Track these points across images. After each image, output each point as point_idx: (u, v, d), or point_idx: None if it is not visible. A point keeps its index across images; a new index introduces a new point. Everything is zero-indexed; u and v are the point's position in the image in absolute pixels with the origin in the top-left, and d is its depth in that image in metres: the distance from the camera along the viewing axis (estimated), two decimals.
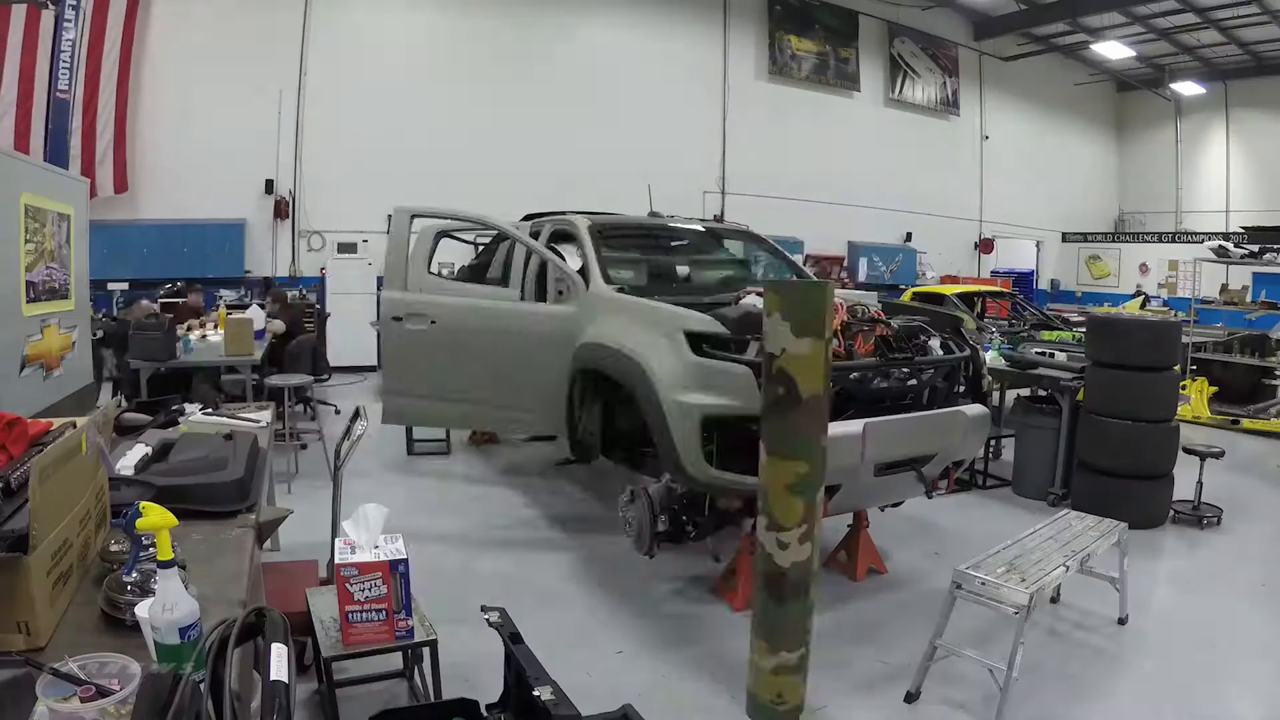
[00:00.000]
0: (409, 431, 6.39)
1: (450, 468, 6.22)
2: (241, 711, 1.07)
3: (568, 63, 12.26)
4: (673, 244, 5.73)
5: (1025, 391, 6.27)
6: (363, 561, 2.36)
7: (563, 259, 4.59)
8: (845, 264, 14.87)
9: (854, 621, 3.68)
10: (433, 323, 4.55)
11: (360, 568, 2.35)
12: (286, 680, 1.09)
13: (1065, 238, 18.41)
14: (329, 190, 10.90)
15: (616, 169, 11.09)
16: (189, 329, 6.63)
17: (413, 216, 4.78)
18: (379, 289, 11.01)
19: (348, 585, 2.35)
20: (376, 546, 2.45)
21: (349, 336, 10.35)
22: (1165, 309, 13.87)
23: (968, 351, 4.00)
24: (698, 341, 3.48)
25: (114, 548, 1.69)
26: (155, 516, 1.43)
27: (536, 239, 4.93)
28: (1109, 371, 5.10)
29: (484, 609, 2.53)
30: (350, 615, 2.38)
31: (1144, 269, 16.84)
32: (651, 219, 5.80)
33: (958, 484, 5.36)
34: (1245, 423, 8.23)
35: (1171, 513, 5.19)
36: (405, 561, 2.37)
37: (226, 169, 10.23)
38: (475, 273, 6.61)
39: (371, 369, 10.38)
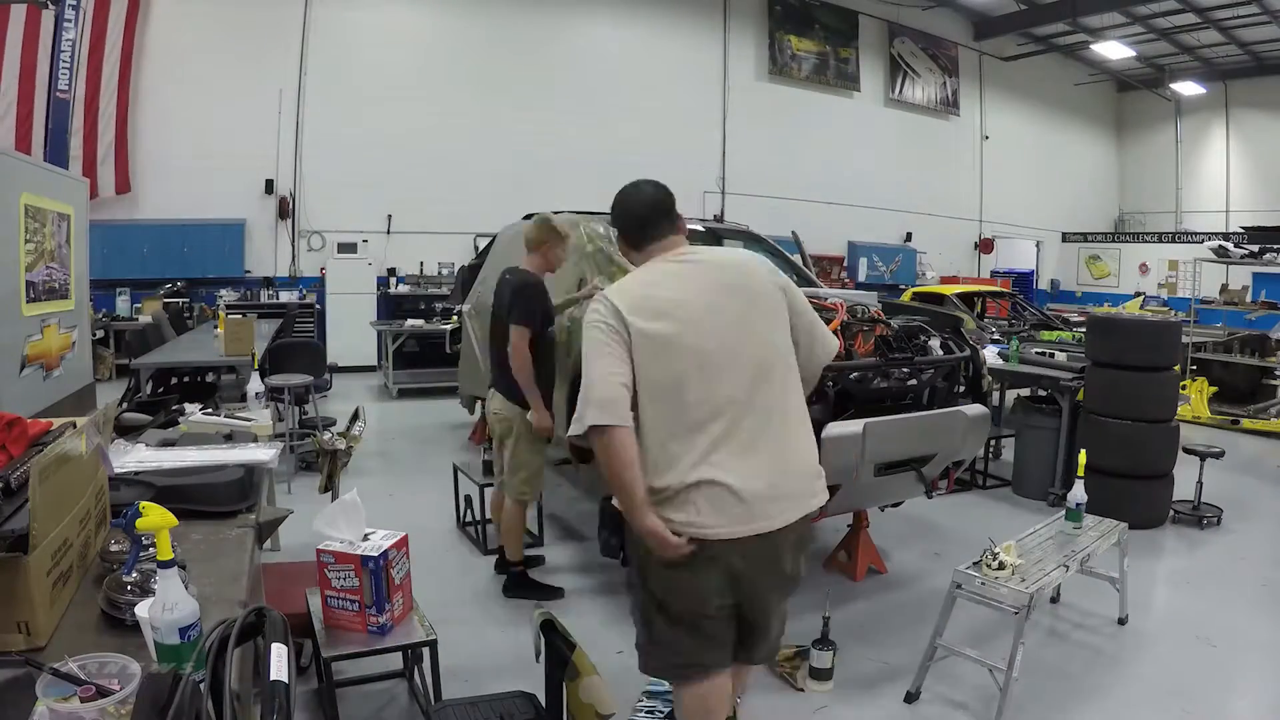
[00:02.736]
0: None
1: (450, 467, 6.21)
2: (241, 711, 1.07)
3: (568, 62, 12.27)
4: None
5: (1025, 391, 6.27)
6: (339, 551, 2.38)
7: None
8: (845, 264, 14.87)
9: (854, 621, 3.68)
10: None
11: (337, 556, 2.39)
12: (286, 680, 1.09)
13: (1065, 238, 18.41)
14: (329, 190, 10.91)
15: (616, 169, 11.06)
16: None
17: None
18: (379, 289, 11.07)
19: (326, 571, 2.40)
20: (366, 538, 2.45)
21: (349, 337, 10.36)
22: (1164, 309, 13.86)
23: (968, 351, 3.99)
24: None
25: (114, 548, 1.69)
26: (155, 516, 1.43)
27: None
28: (1109, 371, 5.10)
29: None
30: (329, 599, 2.42)
31: (1144, 269, 16.84)
32: None
33: (958, 484, 5.36)
34: (1245, 423, 8.23)
35: (1171, 513, 5.19)
36: (378, 560, 2.37)
37: (226, 169, 10.23)
38: (474, 272, 6.60)
39: (372, 369, 10.40)
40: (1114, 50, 14.96)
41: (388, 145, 11.02)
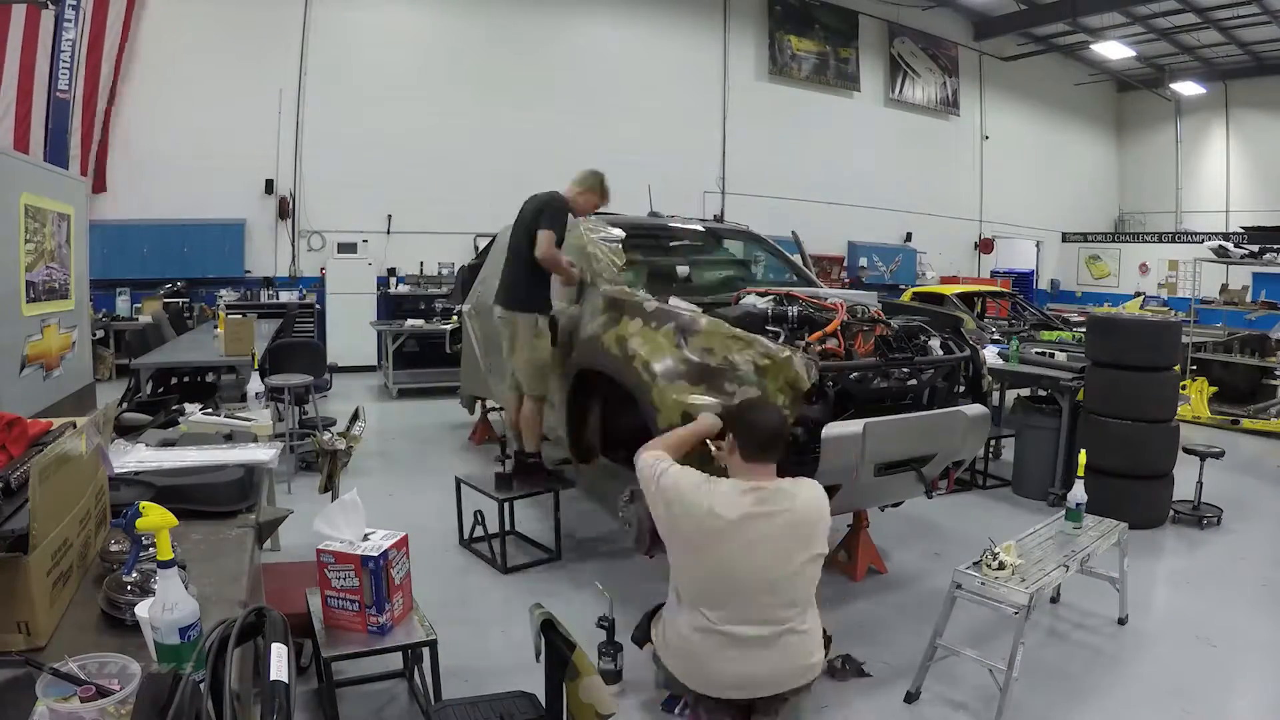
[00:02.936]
0: None
1: (450, 468, 6.21)
2: (241, 711, 1.07)
3: (568, 62, 12.27)
4: (673, 244, 5.73)
5: (1025, 391, 6.27)
6: (339, 551, 2.38)
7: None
8: (845, 264, 14.87)
9: (854, 621, 3.67)
10: None
11: (336, 556, 2.38)
12: (286, 680, 1.09)
13: (1065, 238, 18.41)
14: (329, 190, 10.90)
15: (616, 169, 11.05)
16: None
17: None
18: (379, 289, 11.07)
19: (326, 571, 2.39)
20: (366, 538, 2.45)
21: (349, 337, 10.36)
22: (1164, 309, 13.87)
23: (968, 351, 3.99)
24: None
25: (114, 548, 1.69)
26: (155, 516, 1.43)
27: None
28: (1109, 371, 5.10)
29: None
30: (329, 599, 2.42)
31: (1144, 269, 16.84)
32: (651, 219, 5.80)
33: (958, 484, 5.36)
34: (1245, 423, 8.23)
35: (1171, 513, 5.19)
36: (378, 560, 2.37)
37: (226, 169, 10.23)
38: (474, 272, 6.61)
39: (372, 369, 10.40)
40: (1114, 50, 14.96)
41: (388, 145, 11.01)
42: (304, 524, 3.73)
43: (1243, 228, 13.58)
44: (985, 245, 17.08)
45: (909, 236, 15.79)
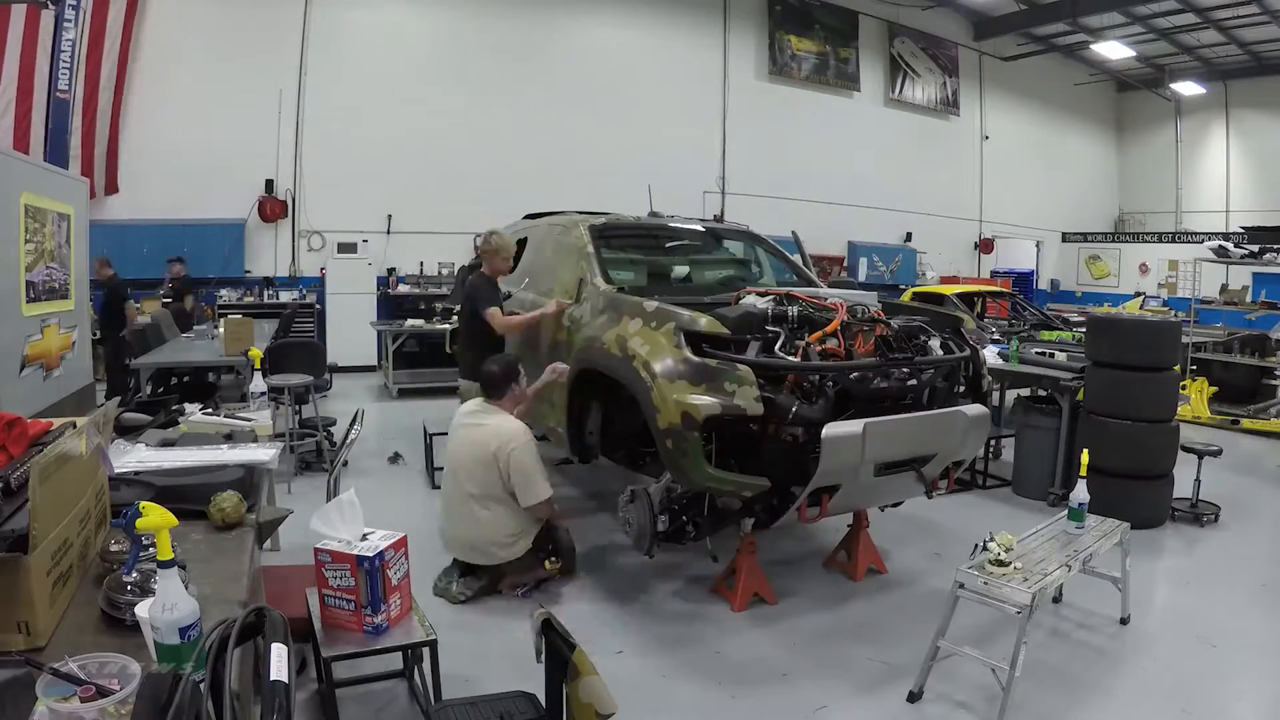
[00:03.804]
0: None
1: None
2: (241, 711, 1.06)
3: (568, 62, 12.27)
4: (672, 244, 5.73)
5: (1025, 391, 6.27)
6: (336, 550, 2.38)
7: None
8: (845, 264, 14.87)
9: (854, 621, 3.68)
10: None
11: (333, 555, 2.39)
12: (286, 680, 1.09)
13: (1065, 238, 18.41)
14: (329, 190, 10.90)
15: (616, 169, 11.09)
16: None
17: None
18: (379, 289, 11.07)
19: (324, 570, 2.39)
20: (365, 538, 2.45)
21: (349, 337, 10.36)
22: (1164, 309, 13.87)
23: (968, 351, 3.99)
24: (698, 342, 3.47)
25: (114, 548, 1.69)
26: (155, 516, 1.43)
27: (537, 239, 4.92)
28: (1109, 371, 5.10)
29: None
30: (326, 598, 2.42)
31: (1144, 269, 16.83)
32: (651, 219, 5.80)
33: (958, 484, 5.36)
34: (1245, 423, 8.23)
35: (1170, 511, 5.19)
36: (373, 560, 2.36)
37: (226, 169, 10.23)
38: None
39: (372, 369, 10.39)
40: (1114, 50, 14.95)
41: (388, 145, 11.01)
42: (304, 524, 3.72)
43: (1243, 228, 13.56)
44: (985, 245, 17.08)
45: (909, 236, 15.79)
